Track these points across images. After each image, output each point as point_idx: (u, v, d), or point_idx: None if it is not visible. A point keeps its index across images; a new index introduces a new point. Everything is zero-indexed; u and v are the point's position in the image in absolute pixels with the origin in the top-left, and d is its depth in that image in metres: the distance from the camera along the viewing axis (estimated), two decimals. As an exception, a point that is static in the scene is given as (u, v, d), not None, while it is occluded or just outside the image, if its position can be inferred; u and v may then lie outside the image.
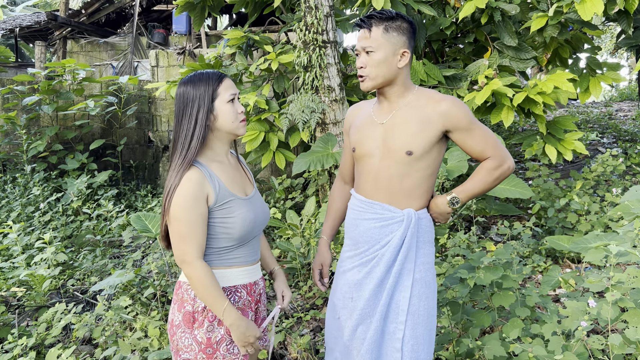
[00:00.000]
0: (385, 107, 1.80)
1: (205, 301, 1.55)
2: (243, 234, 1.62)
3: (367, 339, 1.75)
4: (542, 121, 4.23)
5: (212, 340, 1.59)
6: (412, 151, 1.70)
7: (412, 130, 1.71)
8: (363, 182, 1.83)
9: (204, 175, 1.56)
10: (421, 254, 1.79)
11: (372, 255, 1.79)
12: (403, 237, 1.74)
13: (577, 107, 12.64)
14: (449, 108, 1.69)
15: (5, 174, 6.53)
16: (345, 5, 5.93)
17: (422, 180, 1.76)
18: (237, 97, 1.66)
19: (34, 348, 2.91)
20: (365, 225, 1.80)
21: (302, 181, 5.54)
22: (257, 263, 1.76)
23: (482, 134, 1.73)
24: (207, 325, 1.59)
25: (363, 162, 1.82)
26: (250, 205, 1.66)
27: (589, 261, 2.41)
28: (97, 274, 4.02)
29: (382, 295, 1.75)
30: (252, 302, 1.70)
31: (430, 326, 1.78)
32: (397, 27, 1.71)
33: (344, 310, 1.83)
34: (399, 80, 1.76)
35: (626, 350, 1.82)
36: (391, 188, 1.76)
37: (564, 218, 4.00)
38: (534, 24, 4.11)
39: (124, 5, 10.52)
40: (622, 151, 6.67)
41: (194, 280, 1.53)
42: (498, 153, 1.73)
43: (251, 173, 1.83)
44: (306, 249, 3.87)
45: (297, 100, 4.52)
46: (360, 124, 1.85)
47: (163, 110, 7.33)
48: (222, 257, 1.63)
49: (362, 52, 1.74)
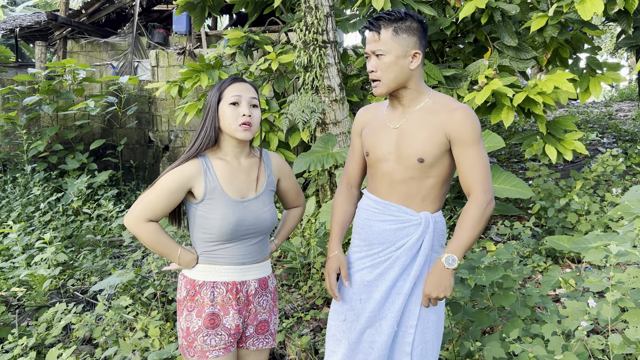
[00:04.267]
0: (399, 110, 1.76)
1: (159, 254, 1.72)
2: (222, 233, 1.66)
3: (377, 344, 1.71)
4: (542, 121, 4.23)
5: (191, 329, 1.68)
6: (424, 158, 1.67)
7: (424, 136, 1.67)
8: (378, 184, 1.79)
9: (200, 167, 1.68)
10: (435, 258, 1.75)
11: (386, 256, 1.75)
12: (420, 241, 1.71)
13: (577, 107, 12.63)
14: (460, 118, 1.64)
15: (5, 174, 6.53)
16: (345, 5, 5.93)
17: (436, 186, 1.73)
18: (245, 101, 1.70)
19: (34, 348, 2.91)
20: (380, 227, 1.77)
21: (302, 181, 5.55)
22: (252, 264, 1.76)
23: (479, 157, 1.65)
24: (186, 314, 1.70)
25: (377, 166, 1.79)
26: (241, 208, 1.69)
27: (589, 261, 2.41)
28: (97, 274, 4.02)
29: (395, 300, 1.71)
30: (232, 300, 1.71)
31: (439, 331, 1.76)
32: (406, 27, 1.66)
33: (350, 312, 1.78)
34: (412, 83, 1.71)
35: (626, 350, 1.82)
36: (407, 191, 1.73)
37: (564, 218, 4.00)
38: (534, 24, 4.11)
39: (124, 5, 10.52)
40: (622, 151, 6.67)
41: (142, 239, 1.67)
42: (482, 188, 1.65)
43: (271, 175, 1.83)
44: (306, 249, 3.87)
45: (297, 100, 4.52)
46: (374, 128, 1.81)
47: (163, 110, 7.33)
48: (206, 252, 1.71)
49: (371, 55, 1.69)
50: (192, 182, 1.67)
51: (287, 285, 3.72)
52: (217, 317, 1.69)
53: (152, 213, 1.65)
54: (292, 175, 1.93)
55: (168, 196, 1.65)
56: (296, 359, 2.73)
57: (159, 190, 1.65)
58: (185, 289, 1.72)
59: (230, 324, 1.71)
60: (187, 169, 1.67)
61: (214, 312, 1.69)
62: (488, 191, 1.66)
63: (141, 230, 1.65)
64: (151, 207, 1.65)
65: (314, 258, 3.68)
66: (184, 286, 1.73)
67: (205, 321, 1.67)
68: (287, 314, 3.25)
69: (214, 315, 1.69)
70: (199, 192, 1.67)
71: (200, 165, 1.68)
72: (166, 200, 1.66)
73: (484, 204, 1.64)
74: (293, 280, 3.75)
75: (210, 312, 1.68)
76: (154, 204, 1.65)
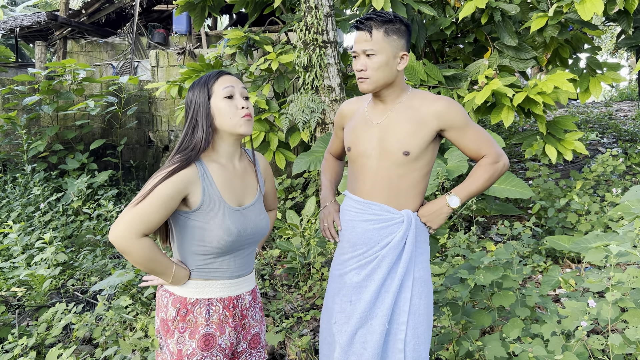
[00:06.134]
0: (380, 107, 1.80)
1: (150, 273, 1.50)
2: (222, 245, 1.51)
3: (370, 344, 1.71)
4: (542, 121, 4.23)
5: (183, 352, 1.50)
6: (409, 151, 1.71)
7: (408, 130, 1.72)
8: (360, 183, 1.82)
9: (197, 172, 1.49)
10: (419, 253, 1.79)
11: (371, 257, 1.77)
12: (404, 239, 1.74)
13: (577, 107, 12.64)
14: (443, 108, 1.71)
15: (5, 174, 6.53)
16: (345, 5, 5.93)
17: (419, 180, 1.77)
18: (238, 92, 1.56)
19: (34, 348, 2.91)
20: (362, 227, 1.79)
21: (302, 181, 5.55)
22: (246, 276, 1.63)
23: (477, 133, 1.75)
24: (178, 336, 1.51)
25: (359, 162, 1.81)
26: (240, 217, 1.55)
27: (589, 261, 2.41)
28: (97, 273, 4.02)
29: (385, 298, 1.73)
30: (229, 317, 1.57)
31: (429, 324, 1.79)
32: (396, 29, 1.71)
33: (341, 314, 1.79)
34: (397, 82, 1.77)
35: (626, 350, 1.82)
36: (389, 188, 1.75)
37: (564, 218, 4.00)
38: (534, 24, 4.11)
39: (124, 5, 10.52)
40: (622, 151, 6.67)
41: (134, 258, 1.43)
42: (493, 150, 1.75)
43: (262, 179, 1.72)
44: (306, 249, 3.87)
45: (297, 100, 4.52)
46: (355, 124, 1.85)
47: (163, 110, 7.33)
48: (199, 267, 1.54)
49: (361, 54, 1.72)
50: (190, 189, 1.47)
51: (287, 285, 3.72)
52: (212, 338, 1.53)
53: (146, 225, 1.41)
54: (273, 178, 1.85)
55: (164, 204, 1.43)
56: (296, 359, 2.73)
57: (153, 197, 1.42)
58: (174, 308, 1.52)
59: (225, 343, 1.56)
60: (184, 173, 1.46)
61: (208, 333, 1.53)
62: (498, 150, 1.76)
63: (134, 247, 1.40)
64: (145, 219, 1.41)
65: (314, 258, 3.68)
66: (172, 304, 1.53)
67: (200, 343, 1.51)
68: (287, 314, 3.25)
69: (209, 336, 1.53)
70: (195, 200, 1.48)
71: (198, 169, 1.50)
72: (162, 209, 1.43)
73: (495, 158, 1.75)
74: (293, 280, 3.75)
75: (205, 333, 1.52)
76: (148, 215, 1.41)
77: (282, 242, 3.83)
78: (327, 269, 3.59)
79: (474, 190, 1.76)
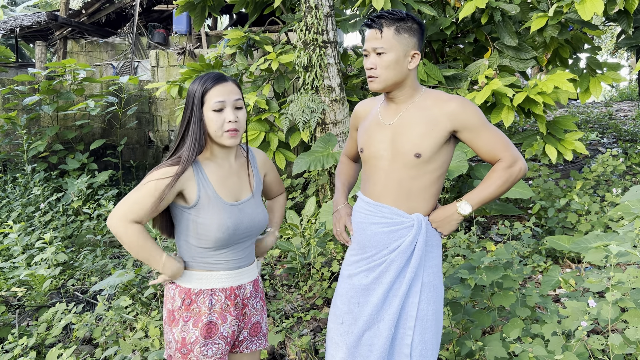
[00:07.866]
0: (392, 108, 1.77)
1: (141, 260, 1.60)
2: (219, 239, 1.59)
3: (376, 347, 1.71)
4: (542, 121, 4.23)
5: (187, 340, 1.61)
6: (421, 153, 1.67)
7: (420, 131, 1.68)
8: (371, 185, 1.80)
9: (191, 170, 1.58)
10: (429, 258, 1.76)
11: (380, 260, 1.75)
12: (414, 243, 1.72)
13: (577, 107, 12.64)
14: (457, 108, 1.66)
15: (5, 174, 6.53)
16: (346, 5, 5.93)
17: (431, 183, 1.73)
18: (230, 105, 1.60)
19: (34, 348, 2.91)
20: (372, 230, 1.77)
21: (303, 181, 5.55)
22: (247, 267, 1.72)
23: (492, 135, 1.68)
24: (182, 325, 1.62)
25: (371, 163, 1.79)
26: (236, 212, 1.63)
27: (589, 261, 2.41)
28: (98, 274, 4.02)
29: (392, 302, 1.72)
30: (231, 306, 1.66)
31: (438, 330, 1.76)
32: (408, 28, 1.68)
33: (348, 315, 1.78)
34: (408, 82, 1.73)
35: (626, 350, 1.82)
36: (400, 190, 1.73)
37: (564, 218, 4.00)
38: (534, 24, 4.11)
39: (124, 6, 10.52)
40: (622, 151, 6.67)
41: (125, 242, 1.55)
42: (509, 154, 1.67)
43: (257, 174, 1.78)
44: (306, 249, 3.87)
45: (297, 100, 4.52)
46: (368, 125, 1.83)
47: (163, 111, 7.33)
48: (200, 259, 1.63)
49: (371, 52, 1.70)
50: (185, 185, 1.58)
51: (287, 285, 3.72)
52: (214, 326, 1.63)
53: (137, 213, 1.54)
54: (274, 167, 1.90)
55: (158, 197, 1.54)
56: (296, 359, 2.74)
57: (147, 189, 1.53)
58: (179, 298, 1.64)
59: (227, 331, 1.66)
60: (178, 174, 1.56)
61: (211, 321, 1.63)
62: (515, 153, 1.68)
63: (124, 231, 1.53)
64: (137, 207, 1.54)
65: (314, 258, 3.68)
66: (178, 295, 1.64)
67: (202, 331, 1.61)
68: (287, 314, 3.25)
69: (211, 324, 1.63)
70: (191, 197, 1.59)
71: (192, 169, 1.59)
72: (155, 200, 1.53)
73: (510, 162, 1.66)
74: (293, 280, 3.75)
75: (207, 321, 1.62)
76: (140, 204, 1.54)
77: (282, 242, 3.83)
78: (327, 269, 3.59)
79: (487, 196, 1.69)
